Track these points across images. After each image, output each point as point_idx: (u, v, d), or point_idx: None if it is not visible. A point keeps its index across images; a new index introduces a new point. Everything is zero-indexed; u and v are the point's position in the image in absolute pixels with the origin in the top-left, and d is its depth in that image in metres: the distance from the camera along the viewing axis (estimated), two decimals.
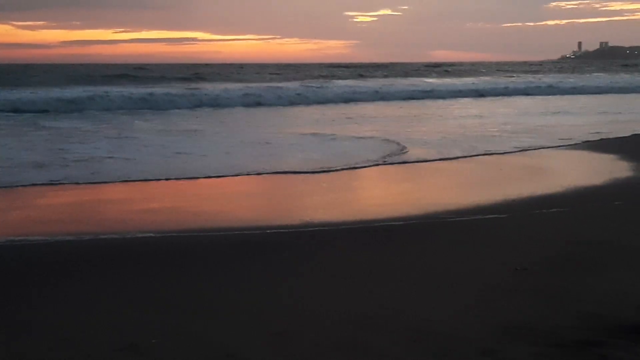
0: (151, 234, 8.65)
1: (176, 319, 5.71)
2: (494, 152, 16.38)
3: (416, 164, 14.65)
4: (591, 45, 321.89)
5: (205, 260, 7.52)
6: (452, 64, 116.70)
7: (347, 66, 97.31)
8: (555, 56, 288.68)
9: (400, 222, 9.20)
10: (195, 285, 6.67)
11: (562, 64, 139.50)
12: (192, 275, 6.99)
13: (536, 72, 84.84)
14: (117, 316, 5.81)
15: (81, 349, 5.13)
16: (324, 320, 5.65)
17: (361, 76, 66.95)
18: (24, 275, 7.05)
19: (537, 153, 16.28)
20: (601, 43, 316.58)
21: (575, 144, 17.70)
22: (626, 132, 20.11)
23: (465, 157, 15.59)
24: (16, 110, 28.83)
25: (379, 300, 6.10)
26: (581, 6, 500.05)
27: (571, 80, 58.27)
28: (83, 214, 10.16)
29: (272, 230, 8.83)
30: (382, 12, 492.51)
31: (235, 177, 13.02)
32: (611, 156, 15.15)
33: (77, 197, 11.38)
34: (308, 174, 13.21)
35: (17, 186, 11.90)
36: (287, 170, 13.64)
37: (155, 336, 5.33)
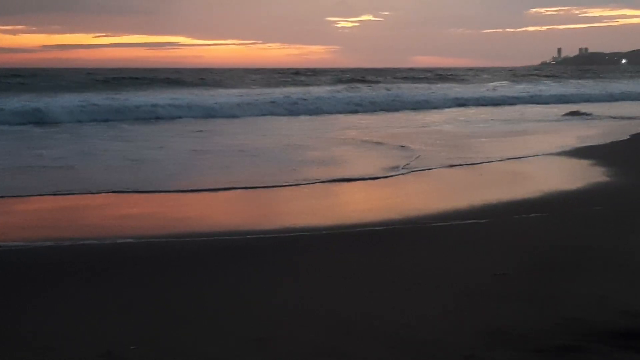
0: (130, 240, 8.60)
1: (155, 326, 5.67)
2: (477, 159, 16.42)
3: (399, 169, 14.64)
4: (571, 51, 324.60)
5: (185, 266, 7.49)
6: (455, 70, 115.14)
7: (339, 71, 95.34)
8: (535, 62, 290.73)
9: (382, 227, 9.21)
10: (174, 291, 6.63)
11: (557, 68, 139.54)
12: (171, 281, 6.95)
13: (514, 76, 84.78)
14: (95, 322, 5.76)
15: (58, 356, 5.09)
16: (304, 325, 5.63)
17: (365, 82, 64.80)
18: (0, 282, 6.99)
19: (516, 159, 16.33)
20: (580, 49, 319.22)
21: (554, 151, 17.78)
22: None
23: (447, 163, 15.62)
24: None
25: (359, 306, 6.09)
26: (561, 12, 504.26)
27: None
28: (62, 219, 10.09)
29: (253, 236, 8.80)
30: (363, 17, 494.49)
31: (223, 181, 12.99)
32: (591, 162, 15.23)
33: (56, 203, 11.28)
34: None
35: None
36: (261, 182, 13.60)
37: (133, 343, 5.29)
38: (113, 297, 6.44)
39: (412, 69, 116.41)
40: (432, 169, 14.73)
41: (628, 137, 21.05)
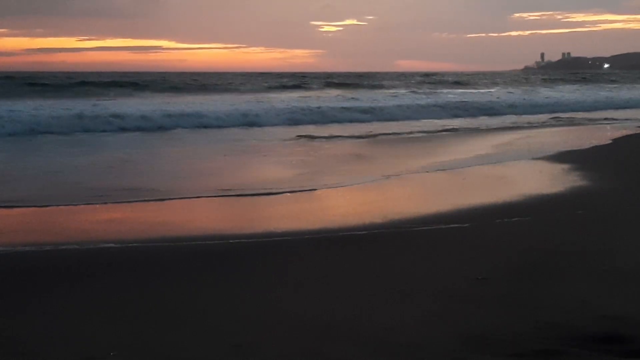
0: (112, 244, 8.56)
1: (136, 331, 5.65)
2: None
3: (381, 173, 14.66)
4: (554, 55, 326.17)
5: (166, 271, 7.46)
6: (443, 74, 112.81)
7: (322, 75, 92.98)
8: (519, 66, 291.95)
9: (364, 232, 9.21)
10: (156, 296, 6.61)
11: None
12: (152, 286, 6.93)
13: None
14: (76, 328, 5.74)
15: None
16: (287, 330, 5.63)
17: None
18: None
19: (498, 164, 16.40)
20: (563, 54, 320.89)
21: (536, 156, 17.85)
22: None
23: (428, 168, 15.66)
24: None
25: (341, 310, 6.10)
26: (544, 17, 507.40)
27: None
28: (44, 223, 10.04)
29: (235, 240, 8.79)
30: (347, 21, 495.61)
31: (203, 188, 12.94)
32: (572, 166, 15.29)
33: (38, 208, 11.19)
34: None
35: None
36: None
37: (114, 348, 5.27)
38: (94, 302, 6.41)
39: (402, 73, 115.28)
40: (414, 173, 14.77)
41: (610, 141, 21.17)
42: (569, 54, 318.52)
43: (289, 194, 12.30)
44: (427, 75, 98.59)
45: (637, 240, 8.71)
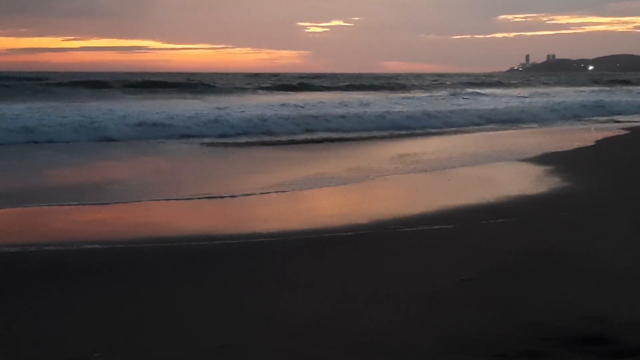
0: (97, 246, 8.53)
1: (120, 332, 5.64)
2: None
3: (366, 176, 14.68)
4: (539, 57, 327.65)
5: (150, 272, 7.45)
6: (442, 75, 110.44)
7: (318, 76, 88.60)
8: (504, 68, 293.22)
9: (349, 233, 9.22)
10: (140, 297, 6.59)
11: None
12: (137, 288, 6.91)
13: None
14: (59, 329, 5.72)
15: None
16: (269, 331, 5.63)
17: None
18: None
19: (483, 166, 16.44)
20: (548, 56, 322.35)
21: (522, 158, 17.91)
22: None
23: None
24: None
25: (324, 311, 6.10)
26: (529, 19, 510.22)
27: None
28: (27, 224, 9.99)
29: (220, 242, 8.77)
30: (334, 22, 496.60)
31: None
32: (557, 168, 15.35)
33: (22, 210, 11.15)
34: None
35: None
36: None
37: (98, 349, 5.25)
38: (78, 303, 6.40)
39: (399, 74, 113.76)
40: (399, 174, 14.79)
41: (593, 142, 21.28)
42: (553, 55, 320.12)
43: (273, 194, 12.28)
44: (418, 76, 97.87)
45: (621, 241, 8.75)
